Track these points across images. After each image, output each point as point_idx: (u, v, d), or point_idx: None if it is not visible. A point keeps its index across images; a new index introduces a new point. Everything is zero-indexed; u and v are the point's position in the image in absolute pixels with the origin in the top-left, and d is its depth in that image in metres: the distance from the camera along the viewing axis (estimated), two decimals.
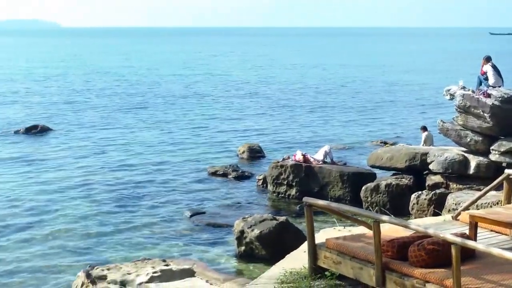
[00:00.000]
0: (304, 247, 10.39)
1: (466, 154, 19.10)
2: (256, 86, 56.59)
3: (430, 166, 19.42)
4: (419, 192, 18.52)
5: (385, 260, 8.54)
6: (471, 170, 18.75)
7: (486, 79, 19.33)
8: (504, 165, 17.73)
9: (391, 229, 9.51)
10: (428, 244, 8.22)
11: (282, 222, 15.81)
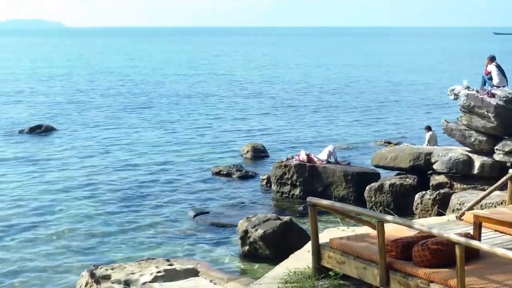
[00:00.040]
0: (308, 247, 10.38)
1: (470, 154, 19.07)
2: (260, 86, 56.58)
3: (434, 166, 19.39)
4: (423, 192, 18.51)
5: (389, 260, 8.54)
6: (475, 170, 18.72)
7: (491, 79, 19.28)
8: (508, 165, 17.71)
9: (395, 229, 9.50)
10: (432, 244, 8.22)
11: (286, 222, 15.81)
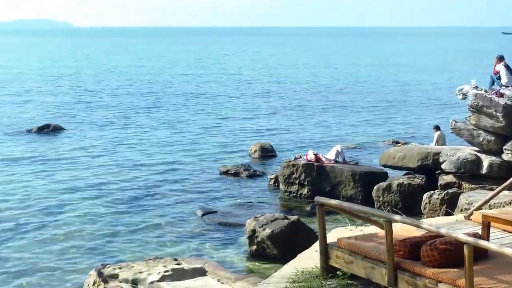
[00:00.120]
0: (316, 247, 10.38)
1: (479, 154, 19.00)
2: (268, 86, 56.60)
3: (443, 166, 19.33)
4: (431, 192, 18.45)
5: (397, 260, 8.52)
6: (484, 170, 18.65)
7: (499, 79, 19.22)
8: None
9: (403, 229, 9.48)
10: (441, 244, 8.19)
11: (294, 222, 15.80)
